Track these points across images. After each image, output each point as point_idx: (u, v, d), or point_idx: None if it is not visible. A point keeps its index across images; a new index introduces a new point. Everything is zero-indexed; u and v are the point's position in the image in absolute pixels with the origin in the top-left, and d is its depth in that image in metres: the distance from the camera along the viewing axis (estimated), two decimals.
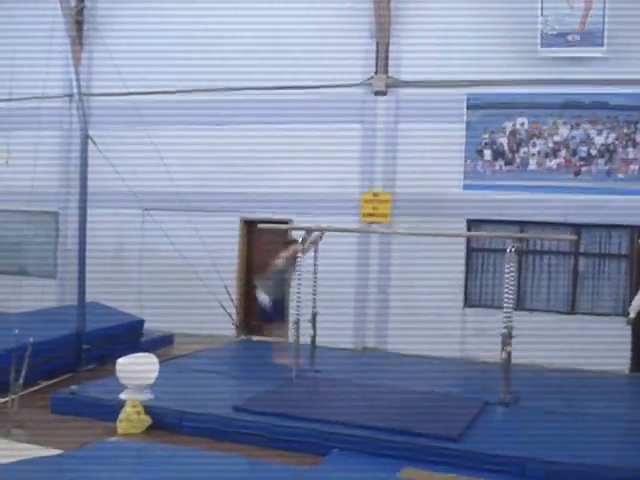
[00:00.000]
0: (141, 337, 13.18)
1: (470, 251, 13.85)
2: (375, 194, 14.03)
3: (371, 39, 14.16)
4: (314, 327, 11.41)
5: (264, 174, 14.57)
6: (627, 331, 12.76)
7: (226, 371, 11.50)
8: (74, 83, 12.27)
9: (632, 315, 12.47)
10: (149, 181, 14.77)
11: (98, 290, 13.21)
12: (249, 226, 14.90)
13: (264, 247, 14.37)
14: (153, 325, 13.68)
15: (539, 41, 13.05)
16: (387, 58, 14.12)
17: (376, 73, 14.14)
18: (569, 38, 12.93)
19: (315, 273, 11.36)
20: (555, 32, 12.98)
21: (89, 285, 12.00)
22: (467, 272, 13.85)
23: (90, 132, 12.19)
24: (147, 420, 8.69)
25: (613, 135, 13.08)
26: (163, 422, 8.72)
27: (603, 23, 12.72)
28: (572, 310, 13.38)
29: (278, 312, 11.72)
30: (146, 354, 9.87)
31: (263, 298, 11.70)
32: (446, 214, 13.34)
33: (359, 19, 14.22)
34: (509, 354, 9.72)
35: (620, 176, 13.05)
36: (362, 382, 10.79)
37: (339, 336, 13.51)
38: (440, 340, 13.20)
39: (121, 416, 8.64)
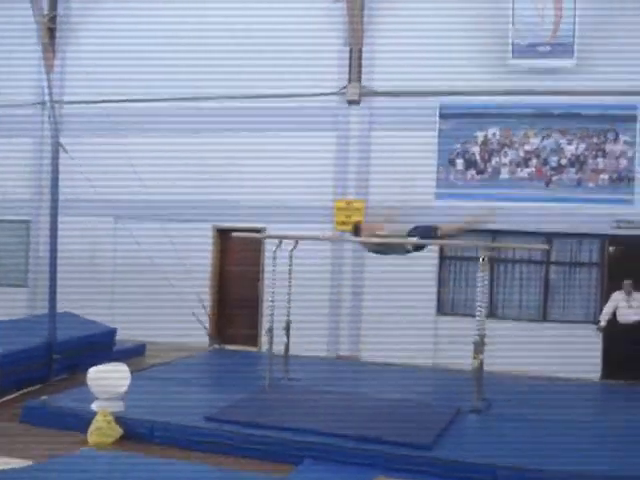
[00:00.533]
0: (113, 347, 13.07)
1: (443, 259, 13.92)
2: (348, 202, 14.07)
3: (344, 48, 14.20)
4: (288, 335, 11.39)
5: (237, 182, 14.56)
6: (598, 339, 12.90)
7: (198, 380, 11.46)
8: (46, 90, 12.21)
9: (603, 323, 12.66)
10: (121, 189, 14.72)
11: (70, 299, 13.10)
12: (222, 234, 14.86)
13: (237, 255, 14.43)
14: (125, 334, 13.58)
15: (510, 52, 13.19)
16: (360, 67, 14.19)
17: (349, 82, 14.19)
18: (540, 49, 13.08)
19: (289, 281, 11.34)
20: (526, 43, 13.13)
21: (61, 294, 11.89)
22: (440, 280, 13.92)
23: (62, 140, 12.10)
24: (118, 430, 8.61)
25: (583, 145, 13.23)
26: (134, 432, 8.65)
27: (573, 34, 12.88)
28: (544, 318, 13.49)
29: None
30: (117, 364, 9.79)
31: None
32: (419, 222, 13.37)
33: (333, 27, 14.26)
34: (481, 362, 9.77)
35: (590, 185, 13.19)
36: (335, 390, 10.76)
37: (313, 344, 13.51)
38: (413, 348, 13.27)
39: (92, 426, 8.56)
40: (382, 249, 10.34)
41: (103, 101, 14.44)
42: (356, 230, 10.31)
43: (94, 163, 13.98)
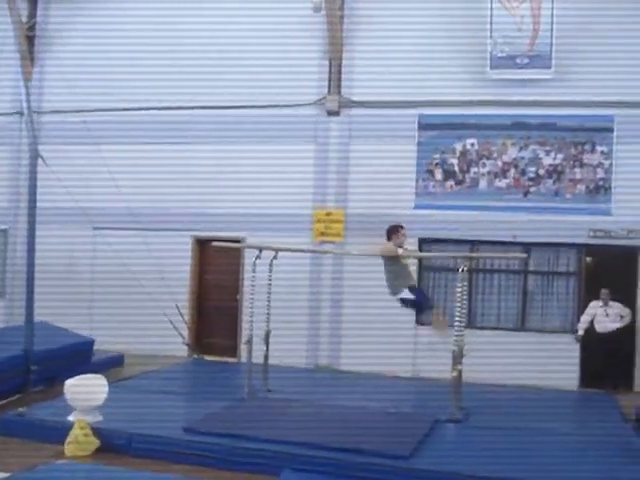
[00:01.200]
0: (91, 357, 12.97)
1: (422, 270, 13.95)
2: (328, 213, 14.09)
3: (324, 59, 14.26)
4: (267, 345, 11.38)
5: (217, 192, 14.49)
6: (576, 347, 12.99)
7: (177, 391, 11.41)
8: (24, 99, 12.12)
9: (580, 332, 12.77)
10: (100, 198, 14.66)
11: (48, 309, 12.97)
12: (201, 244, 14.83)
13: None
14: (104, 346, 13.50)
15: (488, 63, 13.30)
16: (340, 79, 14.25)
17: (329, 93, 14.24)
18: (518, 60, 13.20)
19: (268, 291, 11.34)
20: (504, 54, 13.25)
21: (38, 305, 11.81)
22: None
23: (40, 148, 12.06)
24: (95, 442, 8.55)
25: (561, 156, 13.35)
26: (112, 444, 8.59)
27: (551, 46, 13.02)
28: (522, 327, 13.56)
29: (424, 296, 11.13)
30: (95, 375, 9.73)
31: (404, 292, 10.49)
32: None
33: (312, 39, 14.31)
34: (460, 371, 9.82)
35: (568, 196, 13.31)
36: (315, 401, 10.76)
37: (292, 355, 13.49)
38: (392, 358, 13.28)
39: (69, 438, 8.50)
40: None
41: (82, 110, 14.38)
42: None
43: (73, 174, 13.89)
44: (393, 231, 10.35)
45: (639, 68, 12.90)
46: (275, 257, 11.33)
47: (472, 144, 13.67)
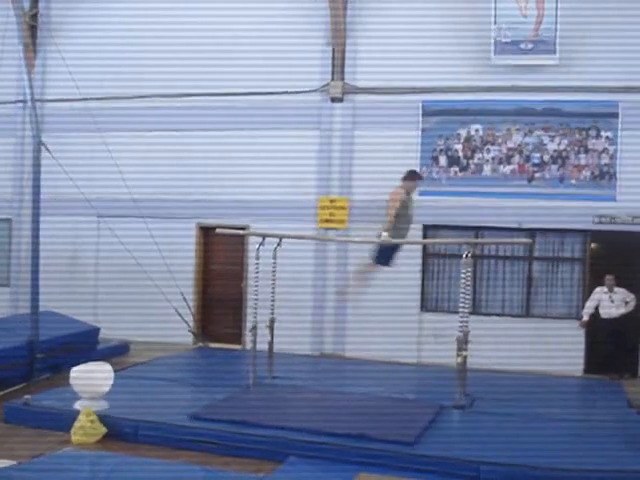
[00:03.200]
0: (96, 345, 13.03)
1: (426, 256, 13.95)
2: (332, 200, 14.08)
3: (327, 45, 14.21)
4: (271, 333, 11.41)
5: (221, 180, 14.53)
6: (581, 334, 12.98)
7: (183, 379, 11.44)
8: (27, 89, 12.11)
9: (585, 318, 12.75)
10: (104, 188, 14.68)
11: (53, 298, 13.07)
12: (206, 232, 14.83)
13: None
14: (109, 333, 13.55)
15: (492, 49, 13.23)
16: (343, 65, 14.19)
17: (333, 80, 14.19)
18: (522, 46, 13.12)
19: (273, 279, 11.34)
20: (508, 40, 13.17)
21: (44, 293, 11.86)
22: (424, 277, 13.95)
23: (44, 138, 12.07)
24: (102, 429, 8.60)
25: (565, 141, 13.30)
26: (118, 431, 8.64)
27: (555, 31, 12.94)
28: (527, 314, 13.55)
29: (385, 259, 10.69)
30: (101, 363, 9.79)
31: (384, 237, 10.29)
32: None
33: (315, 25, 14.26)
34: (465, 358, 9.82)
35: (572, 182, 13.26)
36: (320, 388, 10.80)
37: (297, 342, 13.53)
38: (397, 345, 13.33)
39: (75, 426, 8.54)
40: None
41: (85, 99, 14.36)
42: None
43: (77, 162, 13.88)
44: (411, 176, 10.45)
45: None
46: (279, 244, 11.33)
47: (476, 130, 13.62)
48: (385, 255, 10.51)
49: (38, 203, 11.76)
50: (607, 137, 13.10)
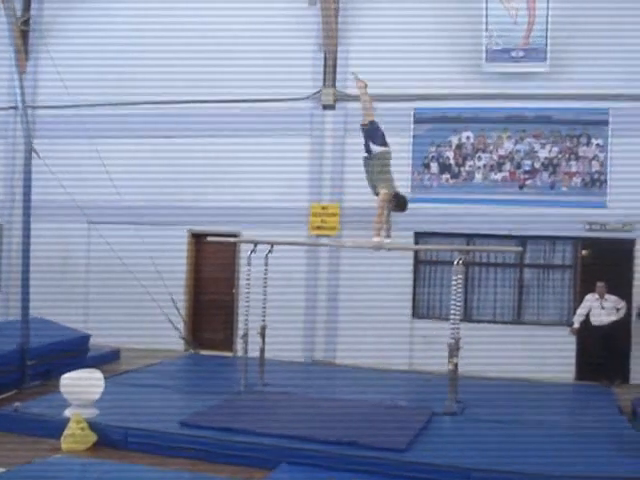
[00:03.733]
0: (87, 352, 12.97)
1: (418, 263, 13.96)
2: (323, 207, 14.08)
3: (319, 52, 14.23)
4: (263, 340, 11.40)
5: (212, 187, 14.52)
6: (572, 340, 13.01)
7: (173, 386, 11.41)
8: (18, 94, 12.08)
9: (576, 325, 12.78)
10: (95, 193, 14.64)
11: (44, 305, 12.98)
12: (197, 239, 14.81)
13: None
14: (100, 340, 13.50)
15: (484, 56, 13.28)
16: (335, 72, 14.23)
17: (324, 87, 14.22)
18: (513, 54, 13.19)
19: (264, 285, 11.33)
20: (499, 48, 13.23)
21: (34, 300, 11.81)
22: (415, 284, 13.96)
23: (35, 143, 12.06)
24: (92, 436, 8.56)
25: (556, 149, 13.35)
26: (108, 438, 8.60)
27: (546, 39, 13.01)
28: (518, 320, 13.57)
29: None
30: (91, 370, 9.75)
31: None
32: (394, 226, 13.40)
33: (307, 33, 14.29)
34: (456, 364, 9.83)
35: (563, 189, 13.31)
36: (311, 395, 10.77)
37: (288, 349, 13.49)
38: (389, 351, 13.36)
39: (65, 433, 8.50)
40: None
41: (77, 105, 14.35)
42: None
43: (68, 167, 13.85)
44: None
45: (634, 61, 12.90)
46: (271, 251, 11.33)
47: (468, 137, 13.67)
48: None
49: (29, 209, 11.73)
50: (598, 144, 13.16)
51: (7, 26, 14.12)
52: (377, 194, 9.72)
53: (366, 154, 9.88)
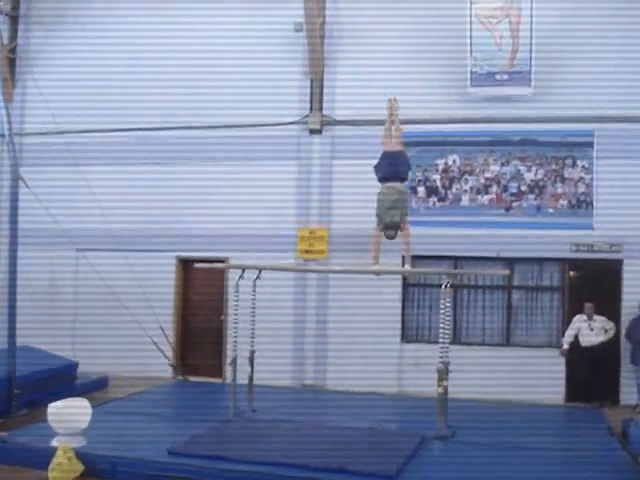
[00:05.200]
0: (75, 380, 12.87)
1: (406, 286, 13.97)
2: (311, 231, 14.09)
3: (305, 78, 14.31)
4: (252, 365, 11.34)
5: (200, 212, 14.48)
6: (561, 362, 13.01)
7: (162, 413, 11.32)
8: (5, 122, 12.08)
9: (565, 347, 12.79)
10: (83, 220, 14.61)
11: (31, 333, 12.90)
12: (185, 264, 14.77)
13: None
14: (88, 368, 13.40)
15: (469, 80, 13.37)
16: (321, 97, 14.29)
17: (311, 112, 14.28)
18: (497, 77, 13.29)
19: (253, 311, 11.30)
20: (484, 71, 13.33)
21: (21, 328, 11.74)
22: (404, 307, 13.95)
23: (22, 170, 12.06)
24: (80, 466, 8.45)
25: (542, 171, 13.43)
26: (96, 468, 8.50)
27: (530, 63, 13.11)
28: (507, 343, 13.57)
29: None
30: (78, 398, 9.68)
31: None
32: (382, 249, 13.42)
33: (293, 58, 14.38)
34: (446, 388, 9.80)
35: (550, 211, 13.37)
36: (300, 421, 10.70)
37: (278, 374, 13.44)
38: (378, 376, 13.28)
39: (53, 462, 8.40)
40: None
41: (64, 132, 14.36)
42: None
43: (55, 195, 13.85)
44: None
45: (618, 83, 13.01)
46: (258, 277, 11.31)
47: (454, 161, 13.73)
48: None
49: (16, 237, 11.70)
50: (583, 166, 13.25)
51: None
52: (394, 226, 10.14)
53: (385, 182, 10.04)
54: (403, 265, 10.63)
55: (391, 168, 10.55)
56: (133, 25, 14.84)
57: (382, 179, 10.71)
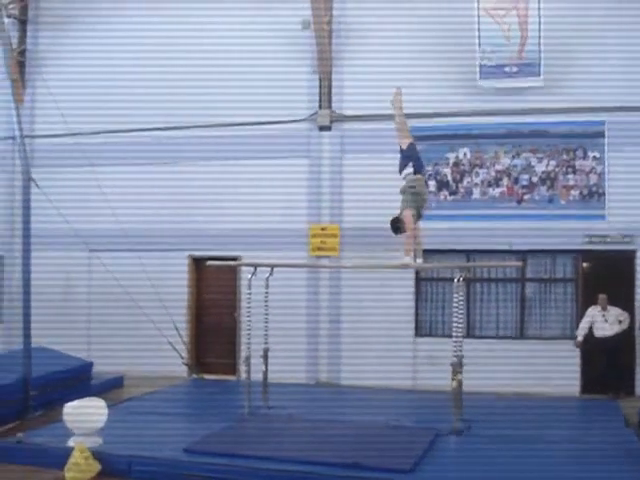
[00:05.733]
0: (90, 380, 12.94)
1: (419, 281, 13.95)
2: (323, 228, 14.09)
3: (314, 74, 14.30)
4: (266, 363, 11.35)
5: (211, 211, 14.48)
6: (576, 354, 12.97)
7: (177, 412, 11.37)
8: (16, 124, 12.12)
9: (580, 338, 12.74)
10: (95, 221, 14.67)
11: (46, 333, 13.00)
12: (198, 263, 14.81)
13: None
14: (103, 368, 13.48)
15: (478, 73, 13.32)
16: (330, 93, 14.28)
17: (320, 108, 14.27)
18: (507, 69, 13.23)
19: (266, 308, 11.31)
20: (493, 64, 13.27)
21: (36, 329, 11.80)
22: (417, 302, 13.94)
23: (34, 173, 12.11)
24: (96, 466, 8.50)
25: (553, 163, 13.37)
26: (113, 468, 8.54)
27: (539, 53, 13.04)
28: (521, 335, 13.53)
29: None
30: (94, 398, 9.73)
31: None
32: (394, 244, 13.38)
33: (302, 54, 14.37)
34: (460, 382, 9.77)
35: (562, 202, 13.31)
36: (315, 417, 10.72)
37: (292, 371, 13.45)
38: (392, 371, 13.30)
39: (69, 462, 8.45)
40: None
41: (74, 134, 14.41)
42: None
43: (67, 196, 13.90)
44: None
45: (628, 73, 12.94)
46: (271, 274, 11.32)
47: (464, 154, 13.69)
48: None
49: (29, 239, 11.76)
50: (594, 157, 13.17)
51: (3, 57, 14.24)
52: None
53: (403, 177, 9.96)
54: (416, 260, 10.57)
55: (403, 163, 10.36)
56: (141, 25, 14.85)
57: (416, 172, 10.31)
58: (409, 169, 10.05)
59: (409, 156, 10.18)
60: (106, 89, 15.07)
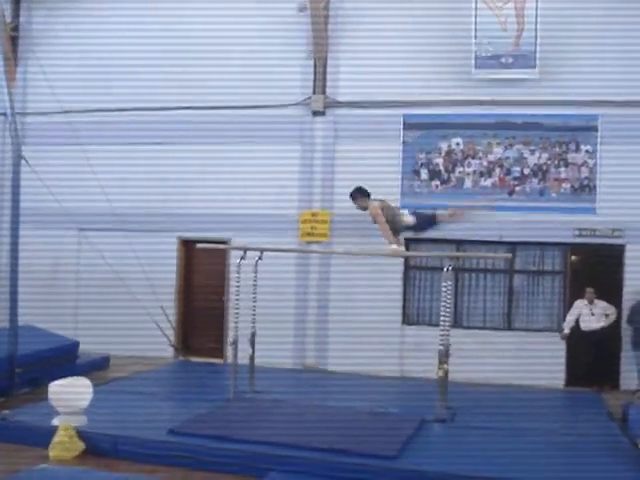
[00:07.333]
0: (76, 360, 12.89)
1: (408, 269, 13.97)
2: (314, 214, 14.07)
3: (309, 59, 14.24)
4: (253, 347, 11.35)
5: (202, 194, 14.43)
6: (562, 346, 13.04)
7: (163, 393, 11.36)
8: (7, 101, 12.02)
9: (566, 331, 12.81)
10: (85, 200, 14.59)
11: (33, 312, 12.95)
12: (187, 245, 14.77)
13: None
14: (90, 347, 13.44)
15: (473, 63, 13.30)
16: (325, 79, 14.23)
17: (314, 93, 14.22)
18: (502, 60, 13.22)
19: (254, 292, 11.29)
20: (489, 54, 13.25)
21: (24, 307, 11.76)
22: (405, 290, 13.96)
23: (24, 150, 11.98)
24: (80, 445, 8.49)
25: (545, 155, 13.38)
26: (97, 447, 8.53)
27: (535, 45, 13.03)
28: (508, 326, 13.58)
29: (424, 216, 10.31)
30: (80, 377, 9.68)
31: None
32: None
33: (297, 39, 14.30)
34: (446, 371, 9.81)
35: (553, 195, 13.34)
36: (301, 402, 10.75)
37: (279, 356, 13.48)
38: (379, 358, 13.31)
39: (54, 441, 8.43)
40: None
41: (66, 111, 14.31)
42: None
43: (57, 175, 13.81)
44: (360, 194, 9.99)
45: (623, 67, 12.95)
46: (260, 258, 11.29)
47: (457, 144, 13.69)
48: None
49: (17, 217, 11.68)
50: (587, 150, 13.20)
51: None
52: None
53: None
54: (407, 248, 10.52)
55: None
56: (136, 4, 14.80)
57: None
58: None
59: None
60: (99, 68, 14.96)
